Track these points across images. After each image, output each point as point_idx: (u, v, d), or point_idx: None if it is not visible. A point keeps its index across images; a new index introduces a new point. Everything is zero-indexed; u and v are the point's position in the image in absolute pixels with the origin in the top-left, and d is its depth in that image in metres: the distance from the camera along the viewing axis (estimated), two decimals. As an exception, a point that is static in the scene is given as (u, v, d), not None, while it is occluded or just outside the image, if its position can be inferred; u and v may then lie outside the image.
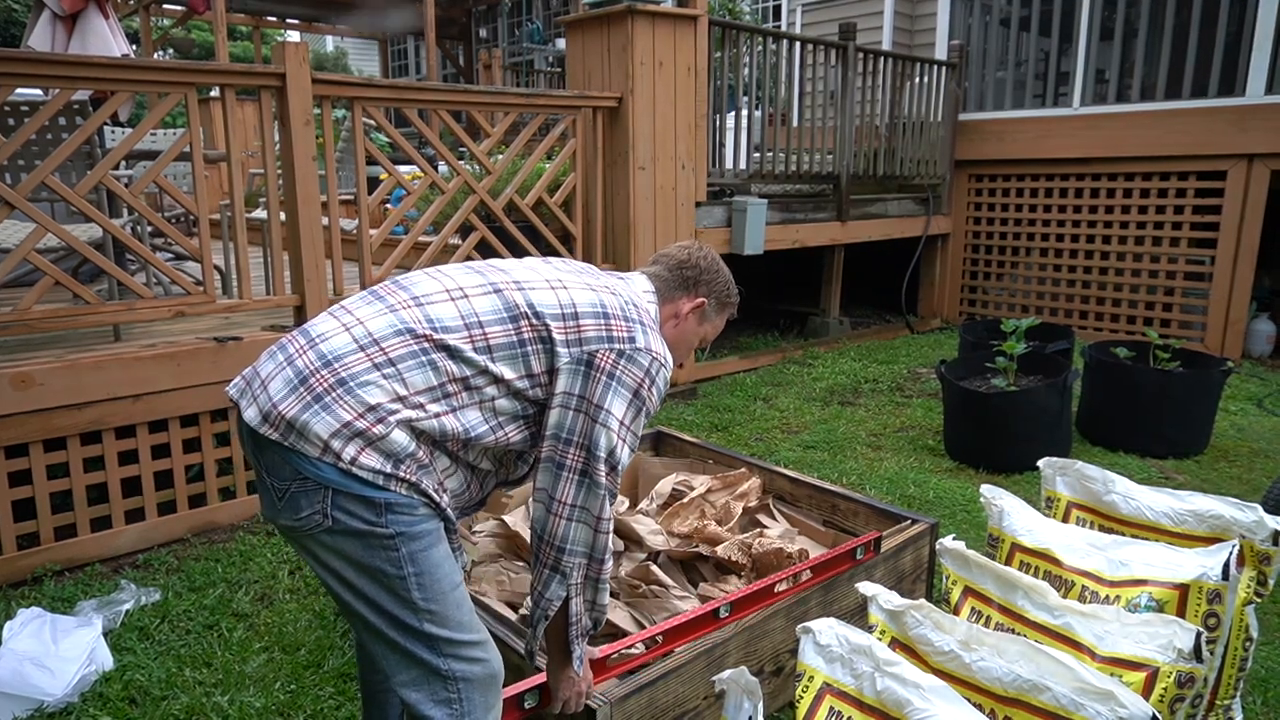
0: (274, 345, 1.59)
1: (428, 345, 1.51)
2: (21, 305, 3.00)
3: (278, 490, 1.49)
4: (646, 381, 1.63)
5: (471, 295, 1.59)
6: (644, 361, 1.63)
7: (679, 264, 1.89)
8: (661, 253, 1.94)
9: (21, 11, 16.02)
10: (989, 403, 3.93)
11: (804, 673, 1.65)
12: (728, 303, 1.95)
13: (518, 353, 1.57)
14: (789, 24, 9.93)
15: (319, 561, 1.54)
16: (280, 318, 3.77)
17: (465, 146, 4.06)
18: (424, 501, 1.50)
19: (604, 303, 1.66)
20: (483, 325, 1.56)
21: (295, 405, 1.44)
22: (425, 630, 1.53)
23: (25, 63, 2.93)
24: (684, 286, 1.87)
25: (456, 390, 1.52)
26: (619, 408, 1.59)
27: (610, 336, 1.62)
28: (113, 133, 4.86)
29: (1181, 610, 1.80)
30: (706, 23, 4.90)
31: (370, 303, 1.59)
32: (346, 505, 1.46)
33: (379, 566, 1.49)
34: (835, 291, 6.65)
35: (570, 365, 1.59)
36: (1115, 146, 6.26)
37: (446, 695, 1.56)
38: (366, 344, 1.49)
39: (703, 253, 1.92)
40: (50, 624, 2.45)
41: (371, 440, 1.44)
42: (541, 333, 1.58)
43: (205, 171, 3.50)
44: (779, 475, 3.05)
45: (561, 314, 1.61)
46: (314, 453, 1.43)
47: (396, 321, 1.53)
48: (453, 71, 12.37)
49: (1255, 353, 5.99)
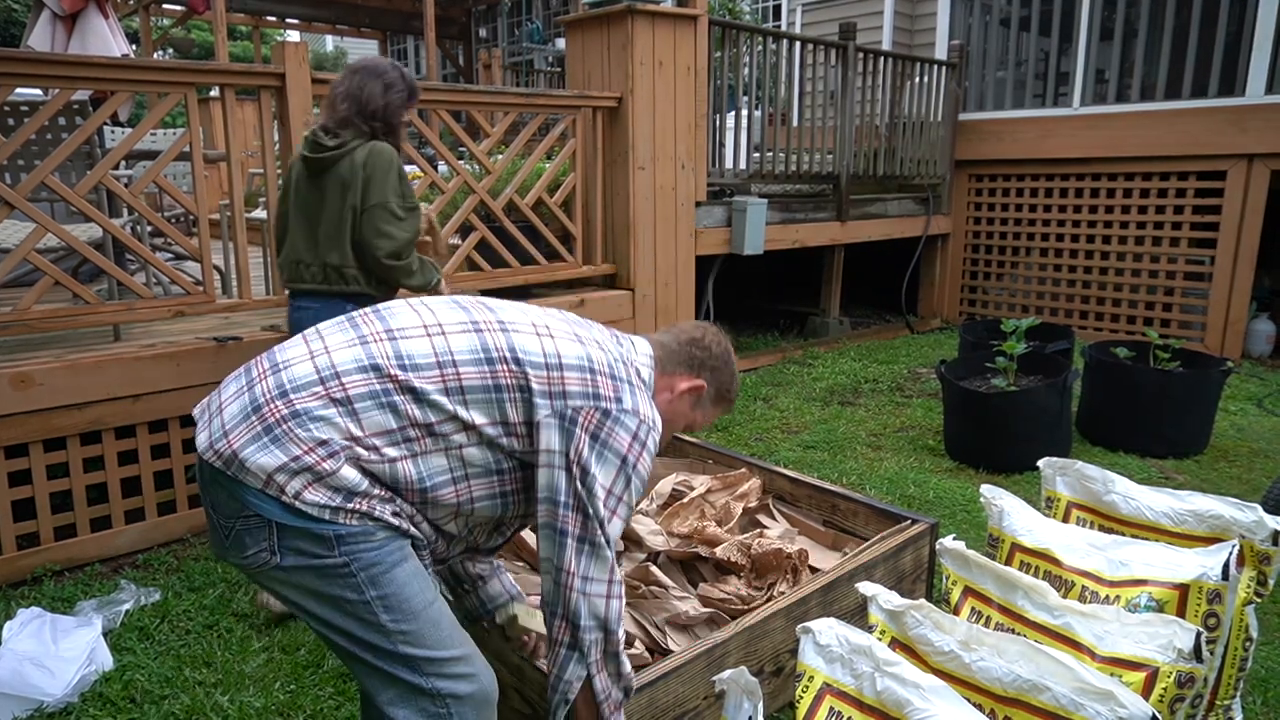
0: (244, 365, 1.54)
1: (391, 386, 1.43)
2: (21, 305, 3.00)
3: (223, 528, 1.44)
4: (636, 448, 1.53)
5: (449, 332, 1.51)
6: (631, 425, 1.53)
7: (690, 340, 1.80)
8: (676, 325, 1.86)
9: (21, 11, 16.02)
10: (989, 403, 3.92)
11: (804, 673, 1.65)
12: (726, 396, 1.86)
13: (492, 398, 1.48)
14: (789, 24, 9.93)
15: (280, 596, 1.49)
16: (280, 317, 3.76)
17: (465, 146, 4.06)
18: (380, 526, 1.43)
19: (590, 357, 1.56)
20: (456, 365, 1.48)
21: (244, 435, 1.39)
22: (401, 652, 1.47)
23: (25, 63, 2.93)
24: (688, 364, 1.78)
25: (418, 435, 1.44)
26: (606, 476, 1.50)
27: (596, 394, 1.52)
28: (112, 133, 4.86)
29: (1181, 610, 1.80)
30: (706, 23, 4.90)
31: (344, 329, 1.52)
32: (294, 542, 1.40)
33: (339, 595, 1.43)
34: (835, 291, 6.65)
35: (552, 420, 1.49)
36: (1115, 146, 6.25)
37: (436, 711, 1.50)
38: (328, 377, 1.43)
39: (718, 339, 1.84)
40: (50, 624, 2.45)
41: (320, 476, 1.38)
42: (520, 380, 1.49)
43: (205, 171, 3.50)
44: (779, 475, 3.05)
45: (545, 363, 1.52)
46: (256, 485, 1.38)
47: (363, 356, 1.46)
48: (452, 71, 12.37)
49: (1255, 353, 5.99)
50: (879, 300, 7.72)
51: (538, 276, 4.36)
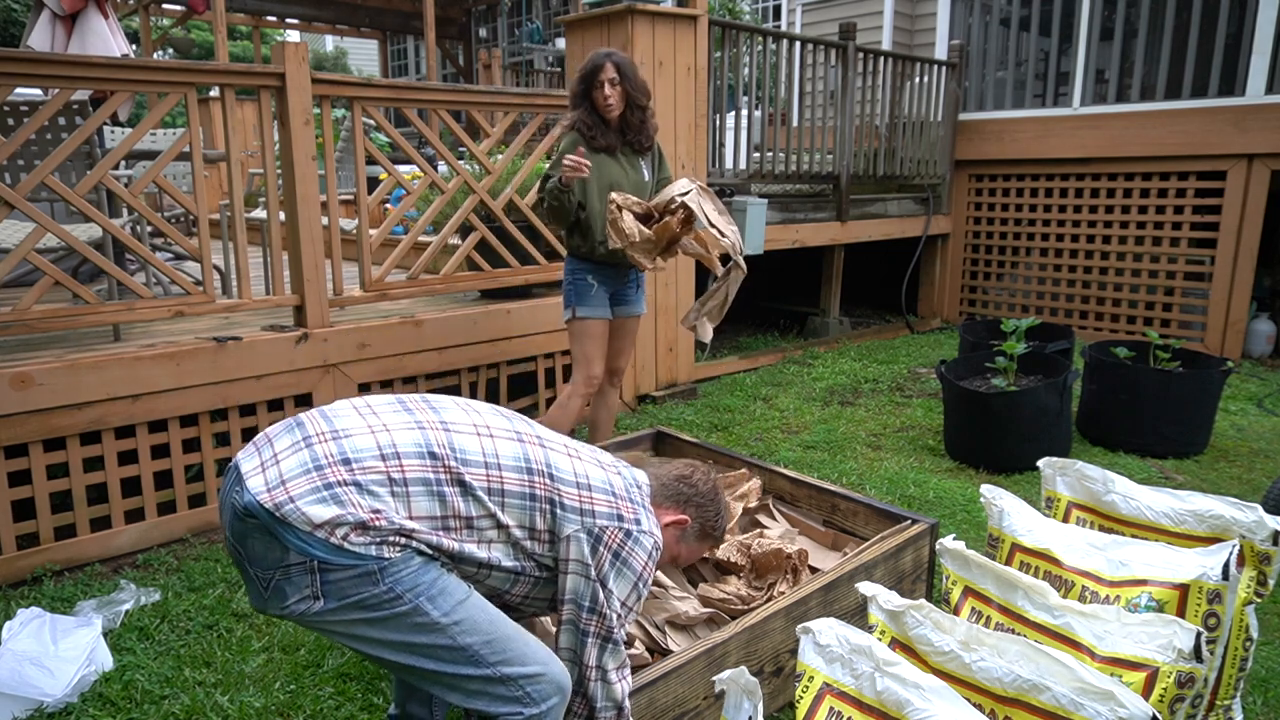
0: (290, 421, 1.60)
1: (444, 476, 1.54)
2: (21, 305, 3.00)
3: (261, 580, 1.48)
4: (650, 565, 1.72)
5: (496, 437, 1.65)
6: (648, 545, 1.71)
7: (679, 477, 1.95)
8: (670, 461, 2.04)
9: (21, 11, 16.02)
10: (989, 403, 3.92)
11: (804, 673, 1.65)
12: (711, 534, 1.98)
13: (526, 505, 1.62)
14: (789, 24, 9.93)
15: (328, 633, 1.54)
16: (280, 317, 3.76)
17: (465, 146, 4.05)
18: (417, 553, 1.50)
19: (612, 483, 1.74)
20: (500, 469, 1.61)
21: (303, 487, 1.44)
22: (461, 643, 1.53)
23: (25, 63, 2.92)
24: (674, 500, 1.92)
25: (458, 527, 1.55)
26: (623, 589, 1.68)
27: (619, 515, 1.70)
28: (112, 133, 4.86)
29: (1181, 610, 1.80)
30: (706, 23, 4.90)
31: (398, 412, 1.62)
32: (338, 583, 1.45)
33: (388, 615, 1.49)
34: (835, 291, 6.65)
35: (579, 535, 1.65)
36: (1115, 146, 6.26)
37: (512, 695, 1.57)
38: (389, 455, 1.52)
39: (706, 478, 1.98)
40: (50, 624, 2.45)
41: (366, 528, 1.45)
42: (552, 495, 1.64)
43: (205, 171, 3.51)
44: (779, 475, 3.05)
45: (575, 482, 1.68)
46: (305, 528, 1.42)
47: (422, 440, 1.56)
48: (452, 71, 12.37)
49: (1255, 353, 5.99)
50: (879, 300, 7.72)
51: (538, 276, 4.36)
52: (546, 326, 4.32)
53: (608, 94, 3.18)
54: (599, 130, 3.23)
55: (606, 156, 3.27)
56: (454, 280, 4.10)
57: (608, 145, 3.25)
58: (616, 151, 3.29)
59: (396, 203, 4.65)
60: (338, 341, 3.62)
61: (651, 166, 3.43)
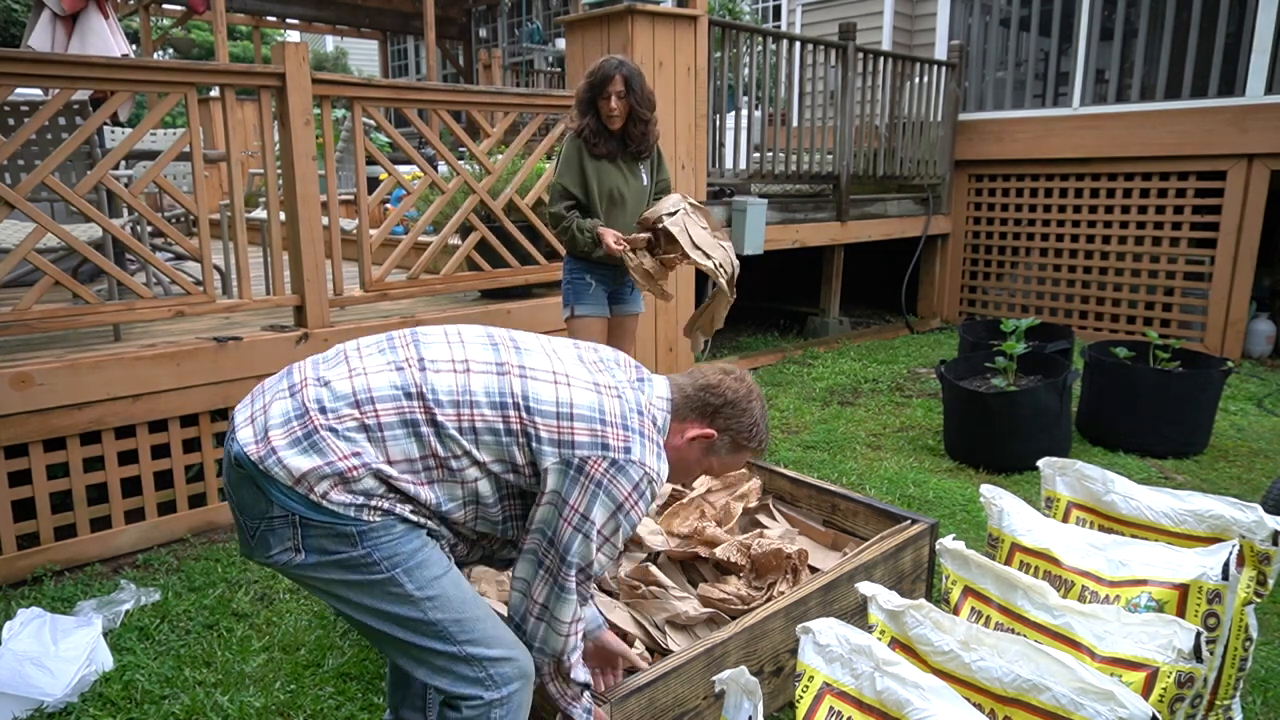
0: (288, 367, 1.63)
1: (420, 416, 1.52)
2: (21, 305, 3.00)
3: (249, 529, 1.52)
4: (634, 497, 1.59)
5: (473, 372, 1.58)
6: (635, 475, 1.58)
7: (705, 386, 1.77)
8: (700, 368, 1.83)
9: (21, 11, 16.01)
10: (989, 403, 3.92)
11: (804, 673, 1.65)
12: (745, 446, 1.81)
13: (501, 440, 1.56)
14: (789, 24, 9.93)
15: (309, 587, 1.59)
16: (280, 317, 3.76)
17: (465, 146, 4.05)
18: (399, 520, 1.51)
19: (604, 407, 1.61)
20: (473, 405, 1.55)
21: (284, 438, 1.48)
22: (431, 618, 1.54)
23: (25, 63, 2.93)
24: (699, 411, 1.75)
25: (435, 466, 1.53)
26: (600, 517, 1.56)
27: (605, 444, 1.57)
28: (112, 133, 4.86)
29: (1181, 610, 1.80)
30: (706, 23, 4.90)
31: (382, 352, 1.61)
32: (317, 539, 1.48)
33: (362, 579, 1.51)
34: (835, 291, 6.65)
35: (559, 467, 1.56)
36: (1115, 146, 6.26)
37: (475, 676, 1.57)
38: (364, 400, 1.51)
39: (737, 385, 1.80)
40: (50, 624, 2.45)
41: (347, 480, 1.47)
42: (527, 428, 1.56)
43: (205, 171, 3.51)
44: (779, 475, 3.05)
45: (556, 412, 1.57)
46: (287, 482, 1.45)
47: (400, 382, 1.54)
48: (452, 71, 12.37)
49: (1255, 353, 5.99)
50: (879, 300, 7.72)
51: (538, 276, 4.36)
52: (547, 326, 4.31)
53: (613, 106, 3.25)
54: (601, 138, 3.32)
55: (607, 163, 3.36)
56: (454, 280, 4.10)
57: (609, 152, 3.34)
58: (617, 159, 3.37)
59: (396, 203, 4.65)
60: (338, 341, 3.62)
61: (650, 171, 3.50)
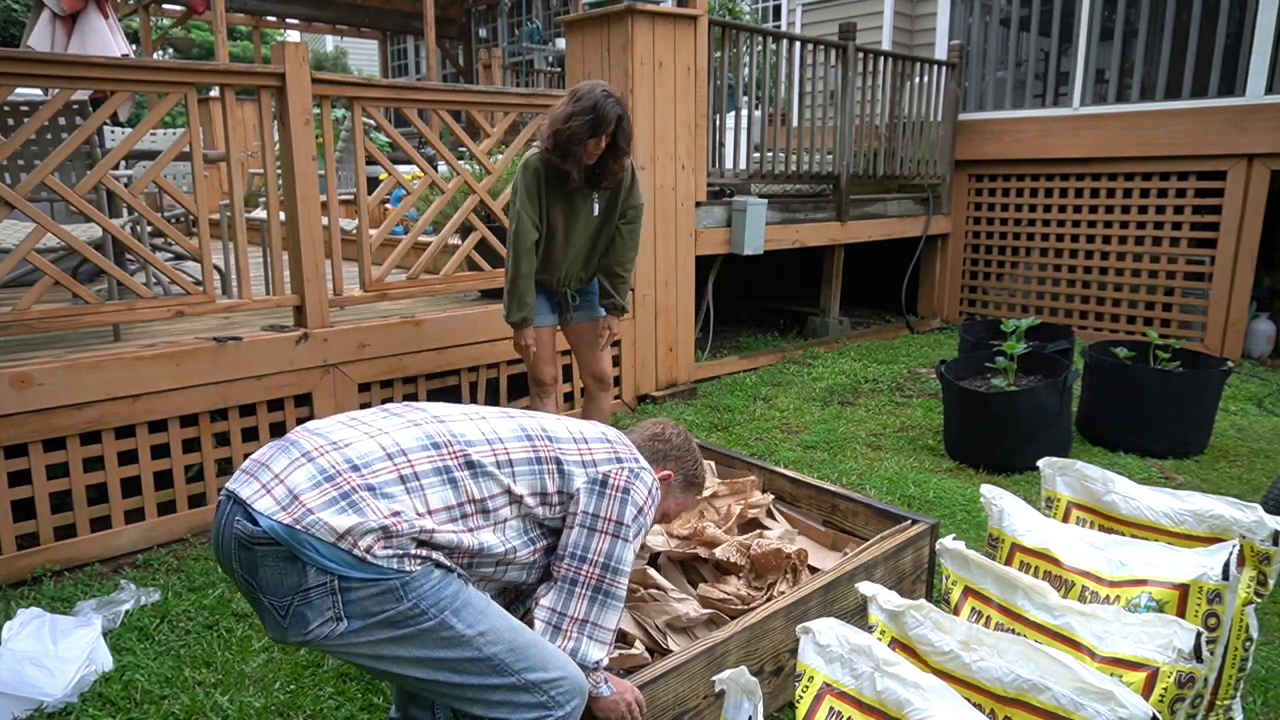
0: (282, 441, 1.56)
1: (453, 462, 1.56)
2: (21, 305, 3.00)
3: (279, 609, 1.43)
4: (650, 501, 1.78)
5: (488, 418, 1.71)
6: (648, 480, 1.79)
7: (651, 436, 2.03)
8: (636, 425, 2.11)
9: (21, 11, 16.01)
10: (989, 403, 3.92)
11: (804, 672, 1.65)
12: (694, 483, 2.07)
13: (535, 469, 1.66)
14: (789, 24, 9.93)
15: (348, 656, 1.51)
16: (280, 317, 3.76)
17: (465, 146, 4.05)
18: (435, 566, 1.51)
19: (606, 434, 1.84)
20: (503, 440, 1.66)
21: (319, 499, 1.41)
22: (486, 653, 1.52)
23: (25, 63, 2.92)
24: (653, 458, 1.99)
25: (473, 513, 1.57)
26: (630, 519, 1.73)
27: (619, 458, 1.78)
28: (112, 133, 4.86)
29: (1181, 610, 1.80)
30: (706, 23, 4.90)
31: (389, 417, 1.64)
32: (360, 602, 1.42)
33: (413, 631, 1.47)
34: (835, 291, 6.65)
35: (589, 486, 1.71)
36: (1115, 146, 6.25)
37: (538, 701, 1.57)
38: (395, 453, 1.53)
39: (676, 430, 2.07)
40: (50, 624, 2.45)
41: (389, 535, 1.44)
42: (553, 453, 1.70)
43: (205, 171, 3.51)
44: (779, 475, 3.05)
45: (573, 438, 1.76)
46: (328, 539, 1.39)
47: (423, 436, 1.58)
48: (452, 71, 12.37)
49: (1255, 353, 5.99)
50: (879, 300, 7.72)
51: (538, 276, 4.35)
52: (546, 326, 4.31)
53: (602, 145, 3.07)
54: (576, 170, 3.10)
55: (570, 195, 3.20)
56: (454, 280, 4.10)
57: (577, 186, 3.16)
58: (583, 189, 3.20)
59: (396, 203, 4.65)
60: (338, 341, 3.62)
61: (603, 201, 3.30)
